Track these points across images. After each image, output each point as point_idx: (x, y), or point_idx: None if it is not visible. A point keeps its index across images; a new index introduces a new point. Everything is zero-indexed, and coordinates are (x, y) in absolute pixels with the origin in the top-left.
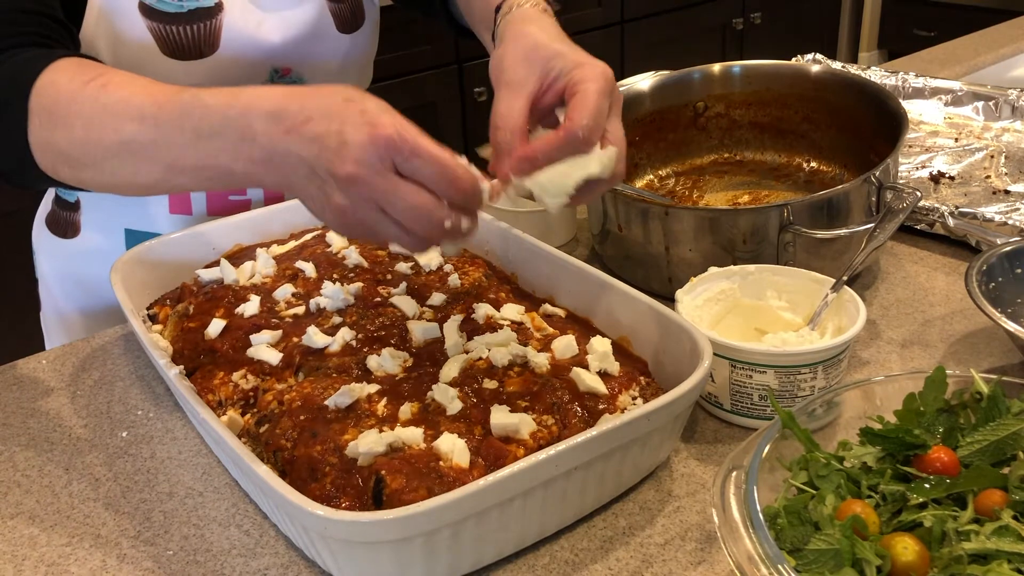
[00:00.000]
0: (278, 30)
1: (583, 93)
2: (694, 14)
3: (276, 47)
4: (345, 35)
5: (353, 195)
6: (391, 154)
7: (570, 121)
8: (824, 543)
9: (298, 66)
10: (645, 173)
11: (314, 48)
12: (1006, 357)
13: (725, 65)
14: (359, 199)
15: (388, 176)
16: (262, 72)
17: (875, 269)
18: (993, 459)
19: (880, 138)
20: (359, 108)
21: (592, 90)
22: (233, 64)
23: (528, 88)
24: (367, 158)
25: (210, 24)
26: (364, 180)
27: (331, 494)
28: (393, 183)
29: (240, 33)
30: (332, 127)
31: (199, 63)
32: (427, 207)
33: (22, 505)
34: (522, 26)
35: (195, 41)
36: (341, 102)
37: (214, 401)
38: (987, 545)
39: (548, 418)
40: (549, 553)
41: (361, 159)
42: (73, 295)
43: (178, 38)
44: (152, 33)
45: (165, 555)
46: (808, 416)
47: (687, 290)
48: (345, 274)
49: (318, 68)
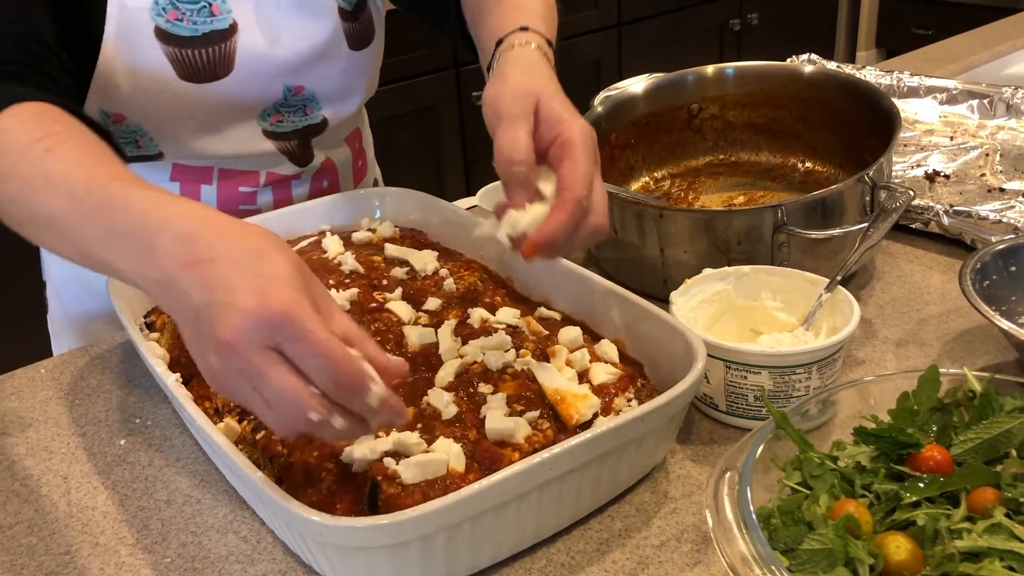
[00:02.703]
0: (292, 49)
1: (572, 159)
2: (691, 15)
3: (290, 65)
4: (356, 51)
5: (227, 361)
6: (274, 333)
7: (570, 192)
8: (817, 543)
9: (310, 83)
10: (640, 175)
11: (326, 66)
12: (1001, 355)
13: (719, 67)
14: (232, 368)
15: (264, 354)
16: (276, 90)
17: (870, 268)
18: (986, 457)
19: (874, 138)
20: (261, 271)
21: (581, 154)
22: (248, 83)
23: (528, 122)
24: (247, 331)
25: (225, 46)
26: (239, 352)
27: (327, 500)
28: (265, 364)
29: (254, 53)
30: (228, 280)
31: (215, 84)
32: (294, 396)
33: (20, 514)
34: (515, 68)
35: (210, 63)
36: (249, 253)
37: (211, 408)
38: (979, 543)
39: (543, 421)
40: (545, 556)
41: (241, 329)
42: (80, 297)
43: (193, 62)
44: (168, 57)
45: (163, 562)
46: (802, 416)
47: (682, 292)
48: (341, 280)
49: (329, 84)
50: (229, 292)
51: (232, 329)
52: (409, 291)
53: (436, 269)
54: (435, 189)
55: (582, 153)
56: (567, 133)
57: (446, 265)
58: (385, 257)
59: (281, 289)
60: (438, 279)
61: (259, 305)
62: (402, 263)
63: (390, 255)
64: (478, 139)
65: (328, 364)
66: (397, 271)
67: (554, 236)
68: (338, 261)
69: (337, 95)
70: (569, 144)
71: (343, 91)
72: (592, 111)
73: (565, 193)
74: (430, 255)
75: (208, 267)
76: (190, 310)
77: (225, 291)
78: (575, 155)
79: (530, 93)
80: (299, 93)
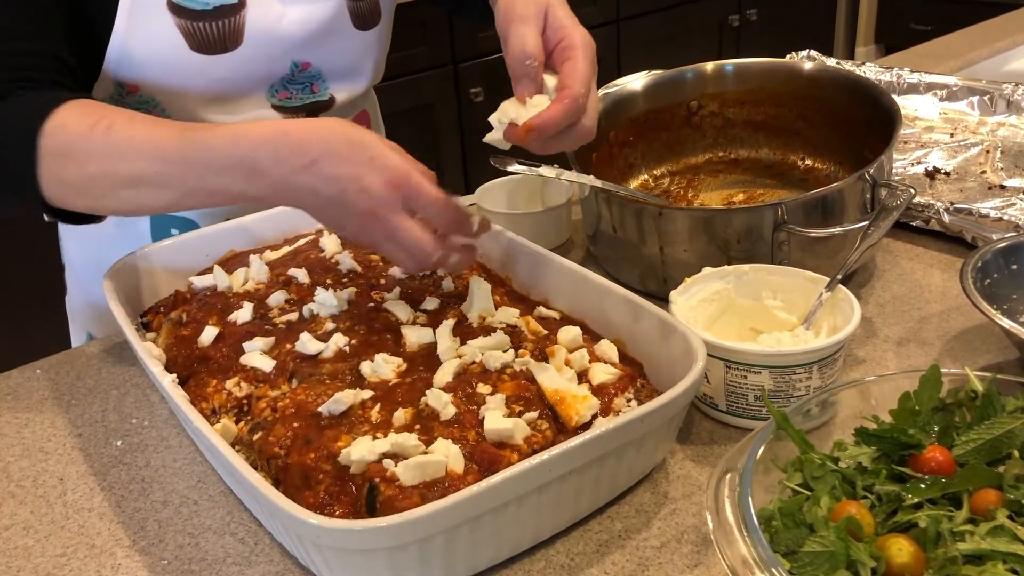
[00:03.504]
0: (298, 25)
1: (573, 60)
2: (689, 12)
3: (296, 42)
4: (361, 32)
5: (367, 225)
6: (401, 197)
7: (569, 89)
8: (819, 545)
9: (317, 60)
10: (640, 173)
11: (332, 44)
12: (1003, 353)
13: (718, 64)
14: (372, 229)
15: (399, 214)
16: (283, 65)
17: (871, 267)
18: (988, 458)
19: (874, 135)
20: (368, 155)
21: (581, 57)
22: (256, 57)
23: (539, 23)
24: (385, 201)
25: (234, 20)
26: (379, 218)
27: (325, 502)
28: (399, 221)
29: (262, 28)
30: (349, 171)
31: (224, 57)
32: (423, 242)
33: (16, 516)
34: None
35: (220, 36)
36: (345, 145)
37: (208, 409)
38: (982, 545)
39: (542, 422)
40: (545, 558)
41: (380, 201)
42: (98, 281)
43: (204, 34)
44: (180, 29)
45: (160, 564)
46: (803, 416)
47: (681, 291)
48: (339, 279)
49: (336, 62)
50: (356, 180)
51: (373, 203)
52: (407, 290)
53: None
54: None
55: (582, 57)
56: (570, 38)
57: None
58: (383, 256)
59: (395, 163)
60: (436, 278)
61: (387, 180)
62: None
63: None
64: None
65: (442, 208)
66: (395, 270)
67: (548, 124)
68: (335, 260)
69: (343, 74)
70: (571, 47)
71: (349, 70)
72: None
73: (565, 90)
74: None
75: (320, 166)
76: (318, 199)
77: (352, 180)
78: (576, 57)
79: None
80: (306, 69)
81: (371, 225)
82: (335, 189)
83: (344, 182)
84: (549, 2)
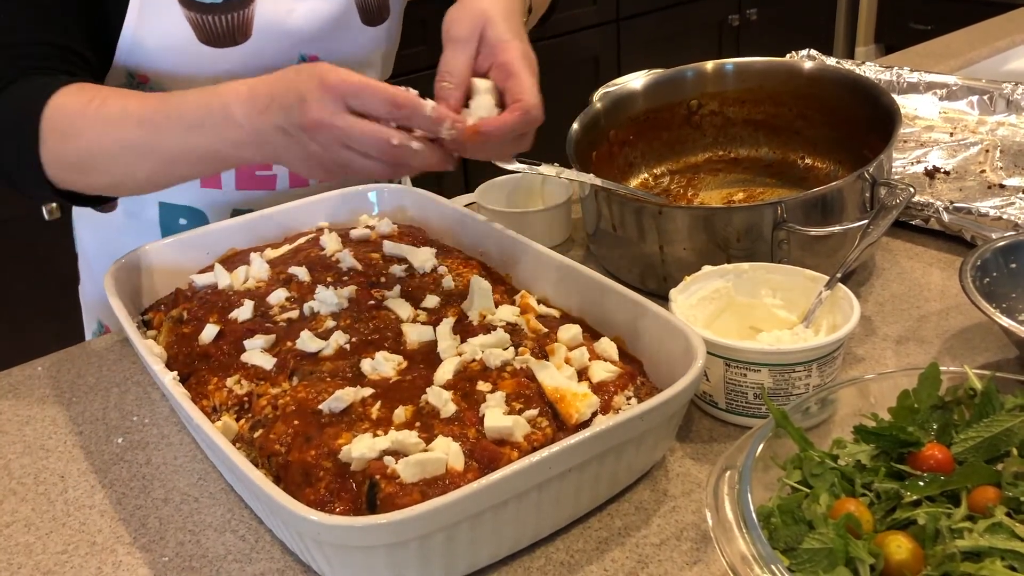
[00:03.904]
0: (306, 19)
1: (517, 75)
2: (689, 11)
3: (304, 35)
4: (369, 28)
5: (321, 140)
6: (341, 96)
7: (523, 102)
8: (818, 542)
9: (324, 55)
10: (640, 172)
11: (339, 38)
12: (1001, 352)
13: (718, 63)
14: (327, 141)
15: (344, 116)
16: (291, 58)
17: (870, 265)
18: (987, 456)
19: (874, 134)
20: (308, 72)
21: (523, 70)
22: (264, 50)
23: (471, 47)
24: (324, 104)
25: (243, 13)
26: (327, 123)
27: (325, 499)
28: (348, 120)
29: (270, 21)
30: (292, 92)
31: (233, 50)
32: (378, 131)
33: (18, 512)
34: None
35: (229, 29)
36: (293, 74)
37: (208, 407)
38: (980, 543)
39: (542, 420)
40: (544, 555)
41: (320, 106)
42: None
43: (213, 26)
44: (190, 22)
45: (161, 561)
46: (802, 414)
47: (681, 289)
48: (339, 277)
49: (343, 57)
50: (296, 95)
51: (314, 110)
52: (407, 288)
53: (435, 266)
54: (433, 186)
55: (524, 69)
56: (507, 53)
57: (444, 262)
58: (383, 254)
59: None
60: (436, 276)
61: (320, 85)
62: (400, 260)
63: (388, 252)
64: None
65: (383, 96)
66: (395, 268)
67: (497, 132)
68: (336, 258)
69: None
70: (510, 63)
71: (356, 65)
72: (591, 107)
73: (519, 102)
74: (428, 252)
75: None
76: (280, 134)
77: (294, 96)
78: (517, 72)
79: (480, 17)
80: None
81: (323, 137)
82: (284, 116)
83: (288, 104)
84: (487, 19)
